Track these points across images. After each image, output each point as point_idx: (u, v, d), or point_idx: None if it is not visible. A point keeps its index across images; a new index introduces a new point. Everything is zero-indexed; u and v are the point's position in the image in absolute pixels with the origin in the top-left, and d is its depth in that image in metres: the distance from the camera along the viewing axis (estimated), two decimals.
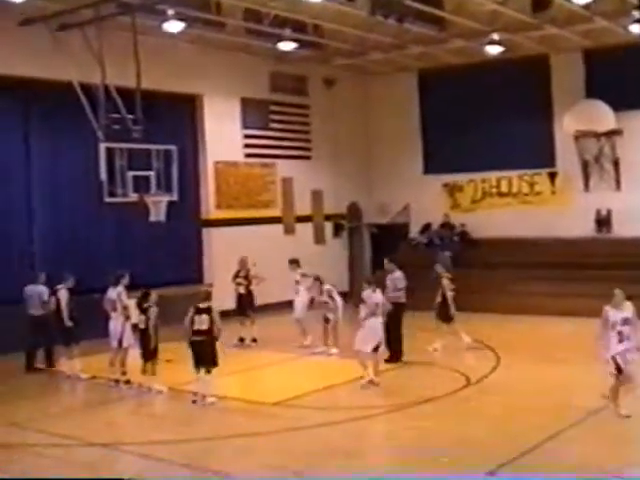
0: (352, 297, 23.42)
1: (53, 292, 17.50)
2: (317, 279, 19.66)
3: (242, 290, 20.90)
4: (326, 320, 19.36)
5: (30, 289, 18.39)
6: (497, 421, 13.35)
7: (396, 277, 18.26)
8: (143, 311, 16.02)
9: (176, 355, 17.26)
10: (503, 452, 11.40)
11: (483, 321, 23.10)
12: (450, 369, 17.07)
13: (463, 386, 15.72)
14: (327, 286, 19.47)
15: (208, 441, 13.00)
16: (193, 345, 15.09)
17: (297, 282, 20.48)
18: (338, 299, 19.38)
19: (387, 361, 17.36)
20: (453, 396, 15.06)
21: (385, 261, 18.97)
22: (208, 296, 15.60)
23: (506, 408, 14.10)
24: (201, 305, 15.15)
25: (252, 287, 20.99)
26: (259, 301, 21.18)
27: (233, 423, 14.05)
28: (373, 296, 16.05)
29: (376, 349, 15.91)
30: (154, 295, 16.18)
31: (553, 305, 23.80)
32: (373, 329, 15.89)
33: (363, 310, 16.00)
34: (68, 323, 17.32)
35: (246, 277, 20.90)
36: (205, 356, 15.04)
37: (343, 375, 16.75)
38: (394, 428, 13.55)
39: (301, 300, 20.39)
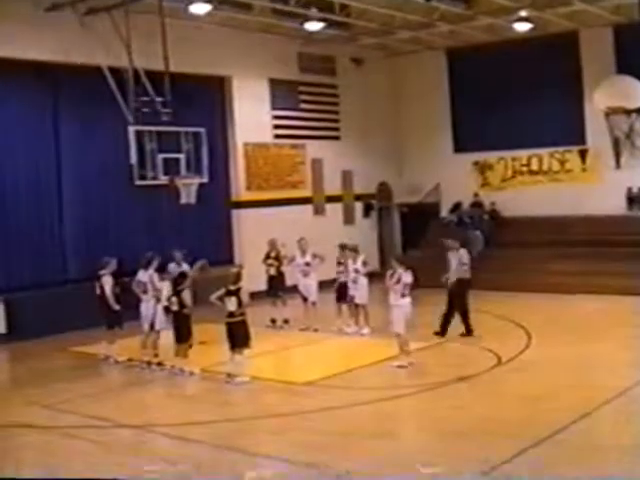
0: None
1: (97, 278, 17.55)
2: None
3: (273, 271, 20.87)
4: (352, 299, 19.36)
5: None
6: (528, 400, 13.32)
7: (461, 253, 18.69)
8: (177, 293, 16.11)
9: (209, 337, 17.39)
10: (535, 431, 11.36)
11: (514, 299, 23.10)
12: (481, 348, 17.04)
13: (494, 365, 15.68)
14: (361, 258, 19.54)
15: (240, 422, 13.08)
16: (227, 327, 15.20)
17: (308, 264, 20.30)
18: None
19: (463, 335, 18.13)
20: (484, 375, 15.04)
21: (449, 241, 19.07)
22: (238, 277, 15.63)
23: (537, 387, 14.06)
24: (231, 287, 15.23)
25: (283, 268, 21.00)
26: (289, 282, 21.20)
27: (265, 404, 14.13)
28: (407, 275, 15.97)
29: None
30: (189, 278, 16.26)
31: (584, 283, 23.67)
32: (406, 309, 15.90)
33: (399, 290, 15.90)
34: (116, 307, 17.38)
35: (277, 258, 20.85)
36: (238, 337, 15.13)
37: (374, 355, 16.76)
38: (425, 408, 13.56)
39: (313, 283, 20.40)
